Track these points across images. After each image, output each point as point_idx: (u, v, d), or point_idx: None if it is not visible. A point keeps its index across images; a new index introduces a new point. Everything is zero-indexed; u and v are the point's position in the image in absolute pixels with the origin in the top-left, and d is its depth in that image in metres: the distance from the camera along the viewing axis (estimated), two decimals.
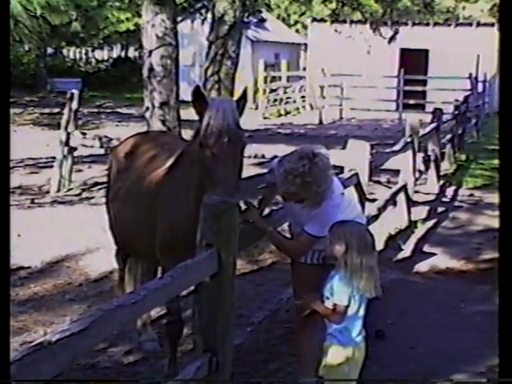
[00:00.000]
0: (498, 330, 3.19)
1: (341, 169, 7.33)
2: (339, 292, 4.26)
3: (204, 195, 4.14)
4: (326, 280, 4.45)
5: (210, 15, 12.63)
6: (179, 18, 22.24)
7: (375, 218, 8.22)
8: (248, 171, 13.88)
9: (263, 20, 34.31)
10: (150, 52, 10.28)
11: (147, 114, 10.45)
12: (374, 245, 4.37)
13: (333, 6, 26.45)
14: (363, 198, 7.03)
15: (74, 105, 11.67)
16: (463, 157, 17.50)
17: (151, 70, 10.28)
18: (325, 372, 4.45)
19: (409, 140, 10.39)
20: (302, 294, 4.80)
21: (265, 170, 5.16)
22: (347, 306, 4.28)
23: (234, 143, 4.31)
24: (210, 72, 10.81)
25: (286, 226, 5.18)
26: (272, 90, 29.63)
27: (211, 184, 4.27)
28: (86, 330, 2.77)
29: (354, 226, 4.40)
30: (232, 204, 4.01)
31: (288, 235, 4.97)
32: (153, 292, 3.30)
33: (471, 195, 12.92)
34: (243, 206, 4.56)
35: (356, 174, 6.95)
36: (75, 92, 11.81)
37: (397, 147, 9.86)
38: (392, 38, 26.08)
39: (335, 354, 4.36)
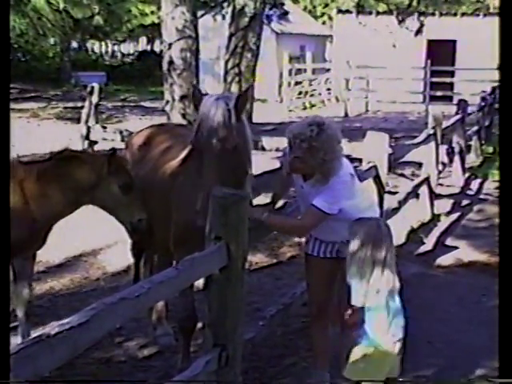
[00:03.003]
0: (499, 329, 3.12)
1: (359, 161, 7.25)
2: (353, 291, 4.19)
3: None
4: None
5: (230, 8, 12.57)
6: (201, 12, 22.18)
7: (396, 210, 8.12)
8: (270, 165, 13.85)
9: (286, 13, 34.12)
10: (170, 45, 10.27)
11: (167, 108, 10.44)
12: (386, 238, 4.24)
13: None
14: (382, 191, 6.93)
15: (95, 98, 11.66)
16: (490, 149, 17.24)
17: (171, 63, 10.27)
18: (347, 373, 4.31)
19: (431, 132, 10.26)
20: (315, 288, 4.76)
21: None
22: (362, 308, 4.18)
23: (222, 143, 4.26)
24: (230, 64, 10.78)
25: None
26: (297, 83, 29.47)
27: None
28: (87, 323, 2.75)
29: (365, 220, 4.35)
30: (241, 196, 3.95)
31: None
32: (157, 285, 3.26)
33: (497, 188, 12.74)
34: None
35: (375, 167, 6.85)
36: (95, 86, 11.79)
37: (418, 139, 9.74)
38: (418, 31, 25.84)
39: (354, 354, 4.25)
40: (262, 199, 6.57)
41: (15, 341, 5.45)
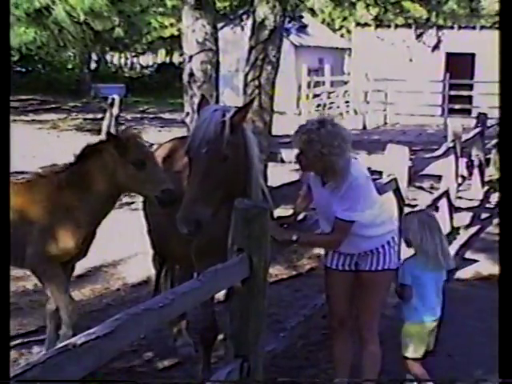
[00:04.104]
0: (499, 330, 3.27)
1: (379, 174, 7.27)
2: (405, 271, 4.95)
3: (235, 199, 4.11)
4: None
5: (250, 21, 12.60)
6: (221, 25, 22.23)
7: None
8: (290, 176, 13.81)
9: (304, 26, 34.18)
10: (191, 57, 10.28)
11: (187, 120, 10.45)
12: (436, 224, 5.04)
13: (376, 11, 26.26)
14: (402, 204, 6.93)
15: (115, 110, 11.75)
16: None
17: (191, 75, 10.28)
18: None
19: (451, 145, 10.25)
20: (335, 301, 4.79)
21: None
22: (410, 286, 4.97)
23: (210, 154, 4.28)
24: (250, 77, 10.76)
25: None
26: (315, 95, 29.51)
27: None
28: (112, 333, 2.77)
29: (415, 212, 5.35)
30: (263, 208, 3.98)
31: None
32: (181, 296, 3.28)
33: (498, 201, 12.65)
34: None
35: (395, 179, 6.86)
36: (116, 97, 11.88)
37: (438, 152, 9.74)
38: (435, 47, 25.76)
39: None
40: (282, 211, 6.59)
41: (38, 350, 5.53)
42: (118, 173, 4.95)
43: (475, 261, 8.94)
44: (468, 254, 9.27)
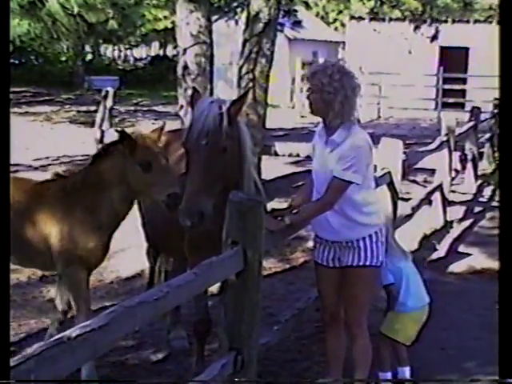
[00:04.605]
0: (498, 330, 3.23)
1: (374, 167, 7.26)
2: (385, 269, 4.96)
3: (230, 192, 4.11)
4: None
5: (244, 14, 12.58)
6: (214, 18, 22.18)
7: (409, 217, 8.12)
8: (284, 170, 13.80)
9: (299, 22, 34.11)
10: (185, 50, 10.25)
11: (181, 112, 10.43)
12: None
13: (371, 3, 26.25)
14: (396, 197, 6.94)
15: (109, 103, 11.74)
16: None
17: (185, 68, 10.25)
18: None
19: (444, 139, 10.27)
20: (325, 296, 4.80)
21: (300, 169, 5.09)
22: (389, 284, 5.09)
23: (210, 146, 4.30)
24: (244, 70, 10.75)
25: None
26: None
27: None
28: (107, 325, 2.77)
29: None
30: (258, 201, 3.98)
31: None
32: (176, 289, 3.29)
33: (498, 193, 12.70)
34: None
35: (388, 173, 6.86)
36: (110, 90, 11.87)
37: (432, 146, 9.75)
38: (434, 38, 25.77)
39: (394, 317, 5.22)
40: (276, 204, 6.59)
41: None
42: (127, 173, 4.84)
43: (468, 254, 8.96)
44: (461, 248, 9.30)
